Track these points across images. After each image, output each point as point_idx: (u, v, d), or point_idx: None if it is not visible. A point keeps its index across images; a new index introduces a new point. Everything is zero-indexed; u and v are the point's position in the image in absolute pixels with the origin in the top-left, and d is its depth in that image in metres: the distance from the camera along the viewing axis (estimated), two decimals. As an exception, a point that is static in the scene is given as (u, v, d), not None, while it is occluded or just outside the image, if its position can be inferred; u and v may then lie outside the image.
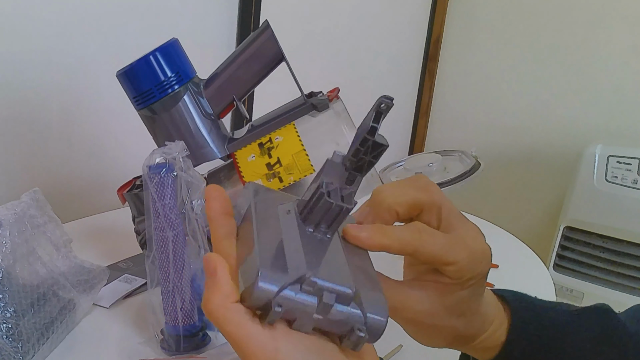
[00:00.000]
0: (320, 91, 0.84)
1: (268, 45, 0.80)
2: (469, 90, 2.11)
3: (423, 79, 2.15)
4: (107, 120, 1.30)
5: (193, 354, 0.67)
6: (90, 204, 1.31)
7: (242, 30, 1.50)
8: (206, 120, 0.81)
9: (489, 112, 2.07)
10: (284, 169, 0.78)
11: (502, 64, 2.01)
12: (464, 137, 2.15)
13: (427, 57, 2.12)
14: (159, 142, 0.83)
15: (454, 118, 2.18)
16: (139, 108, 0.81)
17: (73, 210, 1.27)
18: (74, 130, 1.25)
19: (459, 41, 2.09)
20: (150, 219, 0.67)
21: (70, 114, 1.24)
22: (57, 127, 1.22)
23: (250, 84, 0.82)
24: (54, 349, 0.70)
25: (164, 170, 0.65)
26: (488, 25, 2.01)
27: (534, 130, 1.96)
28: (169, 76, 0.79)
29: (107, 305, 0.81)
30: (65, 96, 1.22)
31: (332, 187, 0.36)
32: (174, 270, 0.66)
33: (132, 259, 0.98)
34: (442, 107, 2.20)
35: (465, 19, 2.06)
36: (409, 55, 2.09)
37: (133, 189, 0.88)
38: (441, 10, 2.05)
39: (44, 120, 1.20)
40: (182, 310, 0.67)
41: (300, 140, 0.78)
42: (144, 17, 1.30)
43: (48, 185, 1.23)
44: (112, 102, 1.28)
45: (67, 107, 1.23)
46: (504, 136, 2.04)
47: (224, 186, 0.83)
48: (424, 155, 1.01)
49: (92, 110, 1.27)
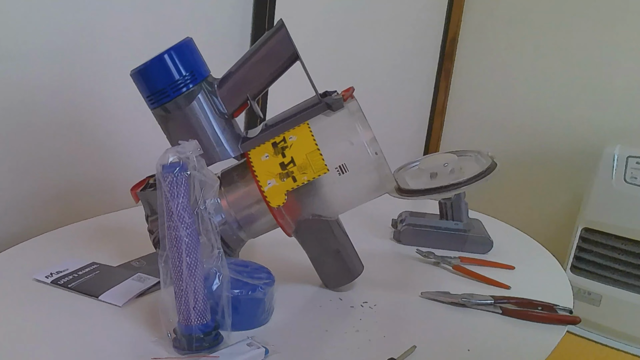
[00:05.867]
0: (335, 90, 0.84)
1: (283, 44, 0.80)
2: (485, 90, 2.10)
3: (439, 79, 2.14)
4: (119, 120, 1.31)
5: (205, 353, 0.67)
6: (102, 203, 1.31)
7: (256, 29, 1.50)
8: (220, 120, 0.81)
9: (505, 111, 2.05)
10: (298, 169, 0.78)
11: (519, 63, 1.99)
12: (479, 137, 2.14)
13: (443, 57, 2.10)
14: (173, 141, 0.83)
15: (469, 118, 2.16)
16: (153, 107, 0.81)
17: (85, 209, 1.28)
18: (85, 130, 1.26)
19: (476, 40, 2.07)
20: (163, 218, 0.67)
21: (82, 113, 1.24)
22: (68, 126, 1.23)
23: (265, 83, 0.82)
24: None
25: (177, 169, 0.65)
26: (505, 24, 2.00)
27: (552, 130, 1.94)
28: (183, 75, 0.79)
29: (120, 304, 0.81)
30: (77, 96, 1.22)
31: None
32: (187, 270, 0.66)
33: (145, 257, 0.98)
34: (458, 107, 2.18)
35: (482, 17, 2.04)
36: (424, 54, 2.07)
37: (146, 187, 0.88)
38: (457, 9, 2.04)
39: (55, 120, 1.20)
40: (195, 310, 0.67)
41: (314, 140, 0.78)
42: (156, 15, 1.31)
43: (60, 184, 1.24)
44: (124, 101, 1.29)
45: (78, 106, 1.23)
46: (521, 136, 2.02)
47: (237, 186, 0.83)
48: (439, 155, 1.01)
49: (104, 110, 1.28)
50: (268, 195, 0.79)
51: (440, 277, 0.94)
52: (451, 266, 0.96)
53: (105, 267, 0.93)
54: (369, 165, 0.78)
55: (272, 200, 0.79)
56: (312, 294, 0.86)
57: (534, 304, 0.83)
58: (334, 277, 0.85)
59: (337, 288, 0.87)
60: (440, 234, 1.03)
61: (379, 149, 0.77)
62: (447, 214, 1.05)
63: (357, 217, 0.88)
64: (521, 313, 0.81)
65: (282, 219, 0.81)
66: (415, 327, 0.78)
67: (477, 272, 0.93)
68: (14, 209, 1.18)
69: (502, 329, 0.78)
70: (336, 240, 0.83)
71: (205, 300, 0.68)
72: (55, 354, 0.69)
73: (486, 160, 0.90)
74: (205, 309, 0.68)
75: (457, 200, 1.03)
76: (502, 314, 0.81)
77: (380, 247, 1.06)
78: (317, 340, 0.73)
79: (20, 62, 1.11)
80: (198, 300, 0.67)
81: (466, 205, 1.04)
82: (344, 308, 0.82)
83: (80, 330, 0.74)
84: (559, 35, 1.87)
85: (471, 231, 1.04)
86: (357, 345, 0.72)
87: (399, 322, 0.79)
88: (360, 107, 0.79)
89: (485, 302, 0.83)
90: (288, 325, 0.77)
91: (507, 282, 0.90)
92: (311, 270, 0.86)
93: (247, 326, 0.74)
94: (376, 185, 0.80)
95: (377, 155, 0.77)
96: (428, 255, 0.99)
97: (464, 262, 0.97)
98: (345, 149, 0.78)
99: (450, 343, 0.74)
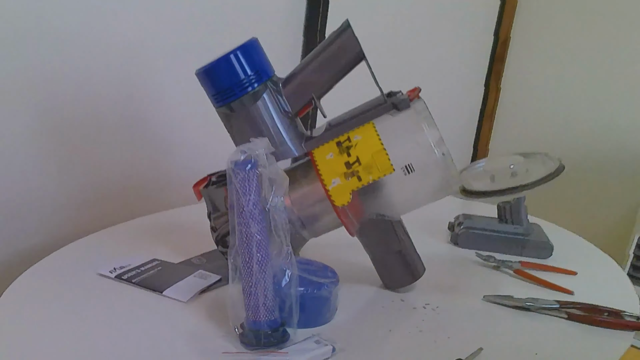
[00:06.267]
0: (399, 90, 0.84)
1: (349, 44, 0.80)
2: (538, 93, 2.06)
3: (489, 81, 2.11)
4: (176, 119, 1.33)
5: (274, 349, 0.67)
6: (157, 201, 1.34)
7: (308, 30, 1.51)
8: (284, 119, 0.82)
9: (558, 115, 2.01)
10: (363, 168, 0.78)
11: (574, 65, 1.95)
12: (530, 140, 2.10)
13: (493, 58, 2.08)
14: (236, 140, 0.84)
15: (520, 121, 2.13)
16: (218, 106, 0.82)
17: (142, 207, 1.30)
18: (141, 129, 1.28)
19: (528, 42, 2.04)
20: (233, 215, 0.68)
21: (139, 112, 1.27)
22: (127, 125, 1.25)
23: (330, 83, 0.82)
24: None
25: (249, 167, 0.66)
26: (558, 24, 1.96)
27: (608, 134, 1.90)
28: (249, 75, 0.79)
29: (185, 300, 0.82)
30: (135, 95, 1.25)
31: None
32: (258, 266, 0.67)
33: (205, 255, 0.99)
34: (508, 110, 2.15)
35: (535, 19, 2.01)
36: (475, 56, 2.05)
37: (209, 185, 0.89)
38: (510, 11, 2.01)
39: (114, 121, 1.23)
40: (264, 306, 0.68)
41: (380, 139, 0.78)
42: (211, 17, 1.33)
43: (119, 182, 1.27)
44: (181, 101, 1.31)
45: (136, 105, 1.26)
46: (575, 140, 1.98)
47: (300, 184, 0.83)
48: (504, 157, 0.99)
49: (161, 109, 1.30)
50: (333, 194, 0.79)
51: (502, 280, 0.93)
52: (512, 270, 0.95)
53: (166, 264, 0.94)
54: (436, 165, 0.78)
55: (337, 199, 0.79)
56: (373, 295, 0.86)
57: (599, 309, 0.81)
58: (396, 278, 0.85)
59: (398, 289, 0.86)
60: (499, 238, 1.02)
61: (446, 149, 0.77)
62: (506, 217, 1.04)
63: (413, 219, 0.87)
64: (588, 318, 0.79)
65: (346, 218, 0.81)
66: (479, 329, 0.77)
67: (538, 277, 0.91)
68: (75, 205, 1.21)
69: (569, 334, 0.76)
70: (399, 241, 0.82)
71: (274, 296, 0.69)
72: (124, 347, 0.70)
73: (554, 163, 0.88)
74: (274, 305, 0.69)
75: (517, 203, 1.02)
76: (567, 319, 0.80)
77: (438, 250, 1.05)
78: (382, 340, 0.73)
79: (77, 60, 1.14)
80: (267, 297, 0.68)
81: (526, 208, 1.03)
82: (406, 309, 0.82)
83: (146, 324, 0.76)
84: (618, 34, 1.82)
85: (531, 235, 1.02)
86: (422, 346, 0.72)
87: (463, 324, 0.78)
88: (426, 107, 0.78)
89: (550, 307, 0.81)
90: (352, 324, 0.77)
91: (570, 288, 0.88)
92: (370, 271, 0.86)
93: (312, 324, 0.75)
94: (442, 186, 0.79)
95: (444, 156, 0.77)
96: (488, 258, 0.98)
97: (524, 267, 0.95)
98: (411, 149, 0.78)
99: (517, 346, 0.73)
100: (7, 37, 1.04)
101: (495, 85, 2.11)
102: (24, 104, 1.09)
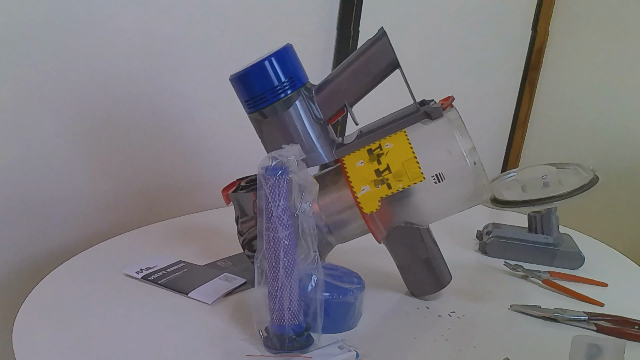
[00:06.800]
0: (432, 99, 0.84)
1: (383, 52, 0.80)
2: (573, 102, 2.03)
3: (523, 89, 2.09)
4: (206, 122, 1.35)
5: (298, 353, 0.68)
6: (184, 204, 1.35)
7: (341, 36, 1.51)
8: (315, 125, 0.82)
9: (593, 124, 1.98)
10: (393, 176, 0.78)
11: (610, 74, 1.91)
12: (563, 150, 2.07)
13: (528, 67, 2.05)
14: (267, 146, 0.85)
15: (553, 130, 2.10)
16: (250, 111, 0.83)
17: (169, 209, 1.31)
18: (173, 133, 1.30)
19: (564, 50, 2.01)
20: (262, 219, 0.68)
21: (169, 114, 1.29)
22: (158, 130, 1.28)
23: (363, 91, 0.82)
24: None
25: (280, 173, 0.66)
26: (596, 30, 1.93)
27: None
28: (282, 81, 0.80)
29: (210, 302, 0.83)
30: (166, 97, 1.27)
31: None
32: (284, 271, 0.67)
33: (230, 258, 1.00)
34: (541, 119, 2.12)
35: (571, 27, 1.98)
36: (509, 64, 2.03)
37: (238, 189, 0.90)
38: (545, 18, 1.98)
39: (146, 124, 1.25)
40: (289, 310, 0.68)
41: (411, 148, 0.78)
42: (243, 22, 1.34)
43: (148, 184, 1.29)
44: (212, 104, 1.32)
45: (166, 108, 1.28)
46: (609, 151, 1.94)
47: (329, 190, 0.84)
48: (537, 167, 0.98)
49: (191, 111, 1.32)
50: (362, 201, 0.80)
51: (530, 290, 0.92)
52: (540, 280, 0.94)
53: (192, 266, 0.95)
54: (467, 174, 0.77)
55: (366, 206, 0.80)
56: (398, 301, 0.86)
57: (630, 322, 0.80)
58: (422, 285, 0.85)
59: (424, 297, 0.86)
60: (529, 248, 1.01)
61: (477, 158, 0.77)
62: (537, 227, 1.03)
63: (441, 227, 0.87)
64: (617, 331, 0.78)
65: (373, 225, 0.81)
66: (506, 339, 0.77)
67: (568, 288, 0.90)
68: (104, 206, 1.24)
69: (597, 348, 0.75)
70: (426, 249, 0.82)
71: (299, 301, 0.69)
72: (148, 347, 0.72)
73: (588, 174, 0.87)
74: (299, 310, 0.69)
75: (548, 213, 1.01)
76: (596, 331, 0.79)
77: (465, 258, 1.04)
78: (407, 347, 0.73)
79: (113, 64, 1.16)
80: (292, 301, 0.68)
81: (557, 219, 1.02)
82: (431, 317, 0.82)
83: (172, 325, 0.77)
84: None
85: (561, 246, 1.01)
86: (448, 354, 0.72)
87: (489, 333, 0.78)
88: (459, 116, 0.78)
89: (578, 318, 0.80)
90: (376, 331, 0.77)
91: (600, 299, 0.87)
92: (395, 277, 0.86)
93: (337, 329, 0.75)
94: (472, 195, 0.79)
95: (476, 165, 0.77)
96: (516, 268, 0.97)
97: (553, 277, 0.94)
98: (442, 158, 0.78)
99: (543, 357, 0.72)
100: (44, 40, 1.07)
101: (530, 93, 2.09)
102: (59, 106, 1.12)
